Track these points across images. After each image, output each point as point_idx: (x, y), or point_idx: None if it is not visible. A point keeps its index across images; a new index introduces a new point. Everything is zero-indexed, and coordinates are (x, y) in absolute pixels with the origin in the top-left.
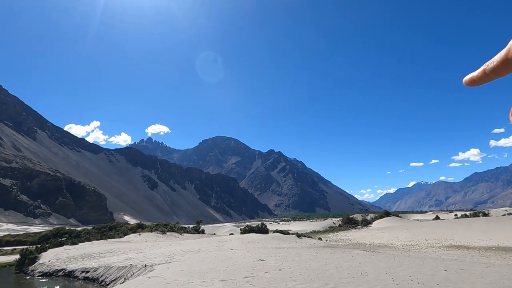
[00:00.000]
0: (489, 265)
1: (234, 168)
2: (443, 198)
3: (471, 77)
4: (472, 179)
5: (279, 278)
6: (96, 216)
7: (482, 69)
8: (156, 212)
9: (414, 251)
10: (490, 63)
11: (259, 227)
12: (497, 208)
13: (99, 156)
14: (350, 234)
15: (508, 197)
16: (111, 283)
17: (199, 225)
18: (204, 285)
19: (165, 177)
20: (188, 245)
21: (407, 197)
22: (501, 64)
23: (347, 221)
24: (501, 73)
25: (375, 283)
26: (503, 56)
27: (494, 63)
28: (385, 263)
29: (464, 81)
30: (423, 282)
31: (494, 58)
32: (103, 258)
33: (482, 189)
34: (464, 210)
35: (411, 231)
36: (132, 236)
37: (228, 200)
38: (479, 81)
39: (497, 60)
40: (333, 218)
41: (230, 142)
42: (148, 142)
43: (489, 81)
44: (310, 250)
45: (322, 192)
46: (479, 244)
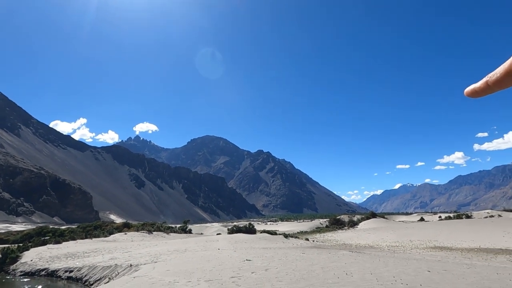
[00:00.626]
0: (471, 266)
1: (223, 168)
2: (428, 200)
3: (472, 88)
4: (456, 181)
5: (265, 278)
6: (81, 215)
7: (484, 81)
8: (143, 211)
9: (399, 252)
10: (493, 75)
11: (247, 227)
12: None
13: (85, 153)
14: (337, 235)
15: (490, 199)
16: (95, 283)
17: (186, 225)
18: (189, 285)
19: (153, 176)
20: (175, 245)
21: (393, 199)
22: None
23: (334, 222)
24: (504, 85)
25: (360, 284)
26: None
27: (497, 75)
28: (370, 264)
29: (465, 93)
30: (407, 282)
31: (497, 70)
32: (88, 257)
33: (465, 191)
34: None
35: (396, 232)
36: (118, 235)
37: (216, 200)
38: (481, 93)
39: (500, 72)
40: (320, 218)
41: (219, 141)
42: (136, 141)
43: (491, 93)
44: (297, 250)
45: (310, 193)
46: (462, 245)
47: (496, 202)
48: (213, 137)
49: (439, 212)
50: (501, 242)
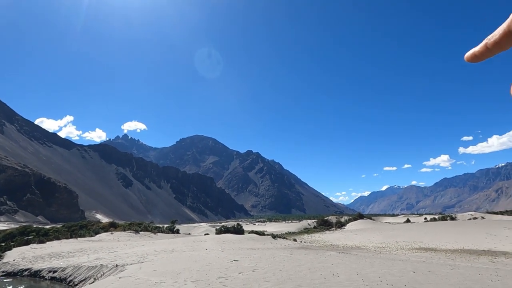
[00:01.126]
0: (454, 267)
1: (212, 168)
2: (414, 202)
3: (472, 52)
4: (441, 184)
5: (253, 278)
6: (66, 214)
7: (483, 43)
8: (130, 211)
9: (385, 253)
10: (491, 37)
11: (235, 228)
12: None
13: (72, 152)
14: (324, 235)
15: (474, 202)
16: (80, 283)
17: (174, 225)
18: (176, 285)
19: (140, 175)
20: (162, 245)
21: (380, 200)
22: (503, 37)
23: (322, 223)
24: (503, 46)
25: (346, 284)
26: (505, 28)
27: (496, 36)
28: (356, 265)
29: (465, 58)
30: (392, 283)
31: (495, 32)
32: (72, 257)
33: (450, 194)
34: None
35: (383, 234)
36: (104, 235)
37: (204, 200)
38: (481, 57)
39: (499, 33)
40: (308, 219)
41: (208, 141)
42: (124, 139)
43: (491, 55)
44: (284, 251)
45: (299, 193)
46: (446, 246)
47: (480, 204)
48: (203, 137)
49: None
50: (483, 243)
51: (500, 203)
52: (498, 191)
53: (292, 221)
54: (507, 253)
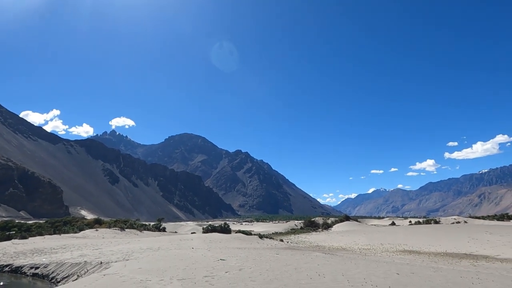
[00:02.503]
0: (437, 269)
1: (200, 167)
2: (399, 205)
3: None
4: (426, 188)
5: (239, 278)
6: (50, 210)
7: None
8: (116, 208)
9: (370, 254)
10: None
11: (222, 227)
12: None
13: (57, 146)
14: (311, 236)
15: (458, 206)
16: (62, 280)
17: (161, 223)
18: (162, 283)
19: (128, 172)
20: (148, 243)
21: (366, 203)
22: None
23: (308, 224)
24: None
25: (331, 285)
26: None
27: None
28: (342, 266)
29: None
30: (376, 284)
31: None
32: (55, 254)
33: (435, 198)
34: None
35: (368, 236)
36: (89, 231)
37: (192, 199)
38: None
39: None
40: (295, 220)
41: (197, 140)
42: (112, 135)
43: None
44: (271, 251)
45: (286, 194)
46: (430, 249)
47: (463, 209)
48: (192, 135)
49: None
50: (465, 247)
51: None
52: (480, 196)
53: (279, 221)
54: (488, 256)
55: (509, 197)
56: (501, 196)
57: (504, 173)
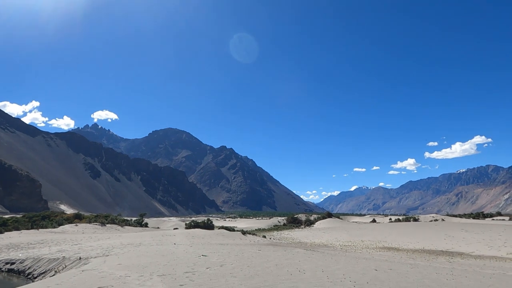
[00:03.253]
0: (414, 266)
1: (184, 162)
2: (380, 203)
3: None
4: (407, 186)
5: (220, 274)
6: (28, 204)
7: None
8: (97, 203)
9: (350, 251)
10: None
11: (205, 223)
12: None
13: (36, 139)
14: (294, 233)
15: (436, 204)
16: (39, 276)
17: (143, 218)
18: (142, 279)
19: (110, 166)
20: (129, 238)
21: (348, 200)
22: None
23: (291, 221)
24: None
25: (311, 281)
26: None
27: None
28: (322, 262)
29: None
30: (355, 280)
31: None
32: (33, 249)
33: (414, 196)
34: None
35: (349, 232)
36: (68, 226)
37: (175, 194)
38: None
39: None
40: (278, 217)
41: (181, 135)
42: (94, 128)
43: None
44: (253, 247)
45: (270, 191)
46: (408, 246)
47: (441, 207)
48: (176, 130)
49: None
50: (442, 244)
51: (459, 207)
52: (458, 195)
53: (262, 218)
54: (463, 253)
55: (485, 197)
56: (477, 195)
57: (480, 173)
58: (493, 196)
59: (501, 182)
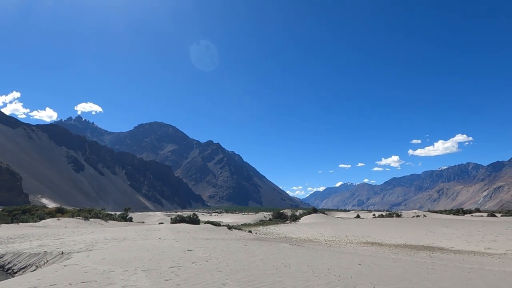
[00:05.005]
0: (396, 260)
1: (170, 156)
2: (364, 199)
3: None
4: (390, 183)
5: (206, 268)
6: (8, 197)
7: None
8: (80, 197)
9: (335, 246)
10: None
11: (191, 218)
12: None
13: (17, 130)
14: (279, 228)
15: (418, 201)
16: (19, 271)
17: (127, 213)
18: (126, 274)
19: (93, 160)
20: (113, 233)
21: (334, 196)
22: None
23: (277, 216)
24: None
25: (296, 275)
26: None
27: None
28: (308, 257)
29: None
30: (339, 274)
31: None
32: (12, 243)
33: (398, 192)
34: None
35: (334, 228)
36: (50, 221)
37: (160, 189)
38: None
39: None
40: (264, 212)
41: (168, 129)
42: (77, 121)
43: None
44: (239, 242)
45: (256, 186)
46: (391, 241)
47: (423, 203)
48: (162, 124)
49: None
50: (424, 239)
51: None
52: (439, 191)
53: (248, 213)
54: (443, 248)
55: (465, 193)
56: (457, 192)
57: (461, 171)
58: (473, 193)
59: (480, 180)
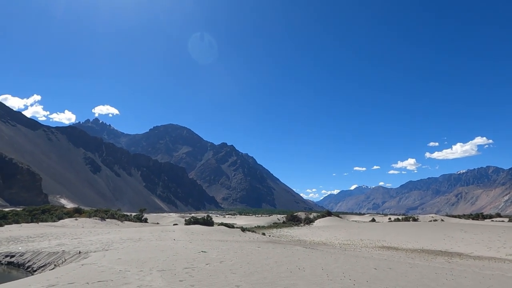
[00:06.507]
0: (413, 265)
1: (184, 158)
2: (380, 202)
3: None
4: (407, 186)
5: (220, 270)
6: (28, 197)
7: None
8: (97, 197)
9: (349, 250)
10: None
11: (204, 219)
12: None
13: (37, 132)
14: (293, 231)
15: (435, 205)
16: (39, 269)
17: (142, 214)
18: (141, 274)
19: (110, 161)
20: (128, 233)
21: (348, 199)
22: None
23: (291, 218)
24: None
25: (310, 278)
26: None
27: None
28: (322, 260)
29: None
30: (355, 278)
31: None
32: (32, 242)
33: (414, 196)
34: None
35: (348, 231)
36: (68, 220)
37: (175, 190)
38: None
39: None
40: (278, 214)
41: (182, 131)
42: (95, 123)
43: None
44: (252, 244)
45: (270, 188)
46: (407, 246)
47: (441, 207)
48: (177, 126)
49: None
50: (441, 244)
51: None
52: (458, 195)
53: (262, 215)
54: (462, 254)
55: (485, 198)
56: (477, 196)
57: (481, 174)
58: (493, 198)
59: (501, 184)
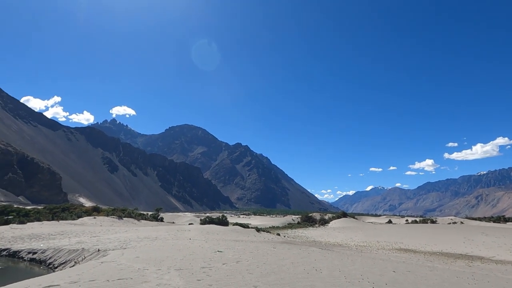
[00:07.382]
0: (432, 268)
1: (199, 158)
2: (397, 204)
3: None
4: (424, 187)
5: (236, 270)
6: (48, 196)
7: None
8: (114, 196)
9: (366, 251)
10: None
11: (219, 219)
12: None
13: (57, 133)
14: (308, 231)
15: (454, 207)
16: (60, 266)
17: (158, 213)
18: (159, 273)
19: (127, 161)
20: (145, 232)
21: (364, 200)
22: None
23: (305, 219)
24: None
25: (328, 280)
26: None
27: None
28: (339, 261)
29: None
30: (373, 281)
31: None
32: (53, 240)
33: (432, 198)
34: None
35: (365, 233)
36: (87, 219)
37: (190, 190)
38: None
39: None
40: (292, 215)
41: (197, 131)
42: (112, 124)
43: None
44: (268, 244)
45: (284, 189)
46: (425, 248)
47: (460, 209)
48: (192, 126)
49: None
50: (461, 247)
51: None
52: (478, 197)
53: (276, 215)
54: (483, 258)
55: (506, 200)
56: (498, 198)
57: (502, 176)
58: None
59: None
